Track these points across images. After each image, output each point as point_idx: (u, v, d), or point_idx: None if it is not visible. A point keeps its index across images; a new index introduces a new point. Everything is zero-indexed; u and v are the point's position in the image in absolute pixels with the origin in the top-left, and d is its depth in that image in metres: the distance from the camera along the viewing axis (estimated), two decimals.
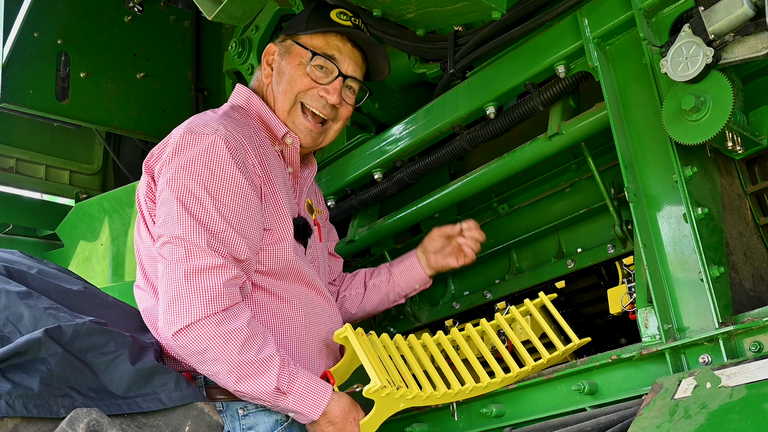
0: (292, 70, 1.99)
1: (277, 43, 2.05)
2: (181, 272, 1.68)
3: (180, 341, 1.67)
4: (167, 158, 1.80)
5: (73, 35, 3.26)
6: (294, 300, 1.89)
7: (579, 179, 2.22)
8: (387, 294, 2.28)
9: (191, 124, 1.84)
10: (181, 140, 1.80)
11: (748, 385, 1.32)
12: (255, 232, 1.80)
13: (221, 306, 1.68)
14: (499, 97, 2.13)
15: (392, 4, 2.00)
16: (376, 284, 2.28)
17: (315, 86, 1.98)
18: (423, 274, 2.26)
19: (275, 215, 1.88)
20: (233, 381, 1.68)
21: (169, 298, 1.68)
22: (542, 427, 1.77)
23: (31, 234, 4.05)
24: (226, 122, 1.85)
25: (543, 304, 2.03)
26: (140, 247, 1.92)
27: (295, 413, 1.75)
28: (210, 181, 1.75)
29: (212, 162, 1.76)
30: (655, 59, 1.70)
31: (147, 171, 1.89)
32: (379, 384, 1.68)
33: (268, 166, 1.90)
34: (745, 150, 1.70)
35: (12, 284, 1.65)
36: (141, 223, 1.91)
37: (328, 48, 1.99)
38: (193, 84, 3.63)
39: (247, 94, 2.04)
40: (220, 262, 1.70)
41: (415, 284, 2.28)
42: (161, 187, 1.79)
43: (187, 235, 1.70)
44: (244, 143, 1.84)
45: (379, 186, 2.50)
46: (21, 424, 1.43)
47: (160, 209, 1.78)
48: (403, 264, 2.27)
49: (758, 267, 1.77)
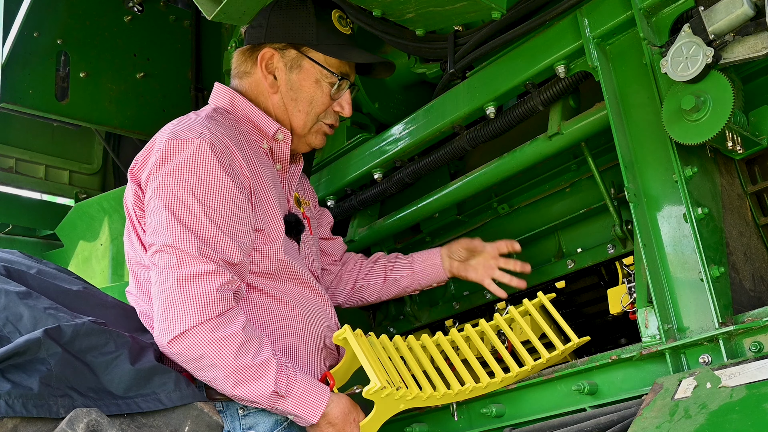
0: (310, 89, 1.98)
1: (277, 50, 1.98)
2: (173, 280, 1.68)
3: (175, 349, 1.67)
4: (153, 166, 1.78)
5: (73, 35, 3.26)
6: (289, 299, 1.89)
7: (579, 179, 2.22)
8: (406, 288, 2.31)
9: (175, 129, 1.82)
10: (166, 147, 1.78)
11: (749, 385, 1.32)
12: (246, 235, 1.79)
13: (215, 312, 1.67)
14: (499, 97, 2.13)
15: (392, 4, 1.99)
16: (396, 279, 2.30)
17: (331, 103, 2.03)
18: (444, 276, 2.27)
19: (267, 215, 1.87)
20: (230, 386, 1.68)
21: (163, 306, 1.68)
22: (542, 427, 1.77)
23: (30, 234, 4.05)
24: (210, 125, 1.83)
25: (542, 304, 2.03)
26: (131, 255, 1.91)
27: (294, 416, 1.74)
28: (197, 186, 1.74)
29: (198, 167, 1.75)
30: (655, 59, 1.70)
31: (132, 179, 1.87)
32: (379, 385, 1.68)
33: (256, 166, 1.89)
34: (745, 150, 1.69)
35: (12, 284, 1.65)
36: (131, 230, 1.90)
37: (343, 66, 2.02)
38: (193, 84, 3.62)
39: (230, 95, 2.01)
40: (212, 268, 1.69)
41: (433, 282, 2.30)
42: (149, 196, 1.78)
43: (177, 243, 1.70)
44: (230, 145, 1.82)
45: (379, 186, 2.50)
46: (21, 424, 1.43)
47: (150, 218, 1.77)
48: (426, 264, 2.28)
49: (758, 267, 1.77)
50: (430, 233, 2.59)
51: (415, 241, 2.64)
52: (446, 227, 2.55)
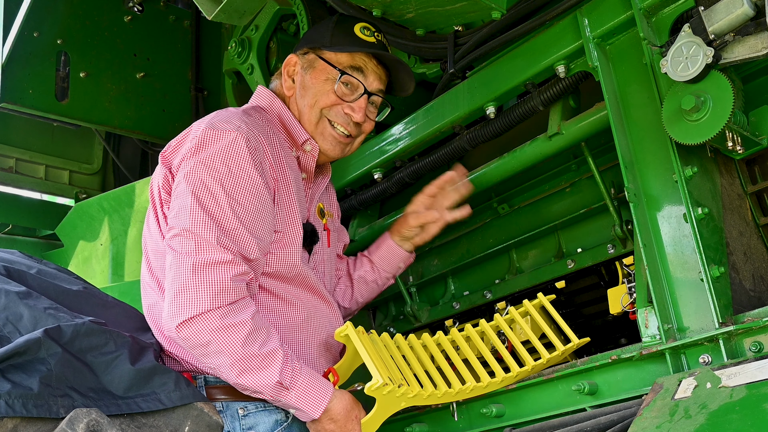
0: (319, 86, 1.99)
1: (299, 55, 2.04)
2: (189, 265, 1.69)
3: (183, 333, 1.67)
4: (188, 152, 1.80)
5: (73, 35, 3.26)
6: (296, 302, 1.90)
7: (579, 179, 2.22)
8: (375, 281, 2.29)
9: (214, 120, 1.85)
10: (203, 135, 1.80)
11: (749, 385, 1.32)
12: (266, 233, 1.80)
13: (227, 300, 1.68)
14: (499, 97, 2.13)
15: (392, 4, 2.00)
16: (361, 275, 2.28)
17: (340, 103, 1.99)
18: (403, 252, 2.27)
19: (287, 219, 1.88)
20: (235, 374, 1.68)
21: (176, 290, 1.69)
22: (542, 427, 1.77)
23: (30, 234, 4.05)
24: (248, 120, 1.86)
25: (542, 305, 2.03)
26: (147, 240, 1.92)
27: (296, 410, 1.74)
28: (227, 178, 1.75)
29: (231, 159, 1.77)
30: (655, 59, 1.70)
31: (164, 162, 1.89)
32: (381, 381, 1.68)
33: (284, 169, 1.90)
34: (745, 150, 1.70)
35: (12, 284, 1.65)
36: (152, 215, 1.92)
37: (354, 63, 1.99)
38: (192, 84, 3.62)
39: (270, 97, 2.04)
40: (228, 257, 1.70)
41: (399, 263, 2.29)
42: (178, 180, 1.80)
43: (197, 229, 1.71)
44: (264, 143, 1.84)
45: (379, 186, 2.50)
46: (21, 424, 1.43)
47: (175, 201, 1.79)
48: (381, 249, 2.27)
49: (758, 267, 1.77)
50: None
51: None
52: (446, 227, 2.55)
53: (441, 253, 2.59)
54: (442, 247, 2.56)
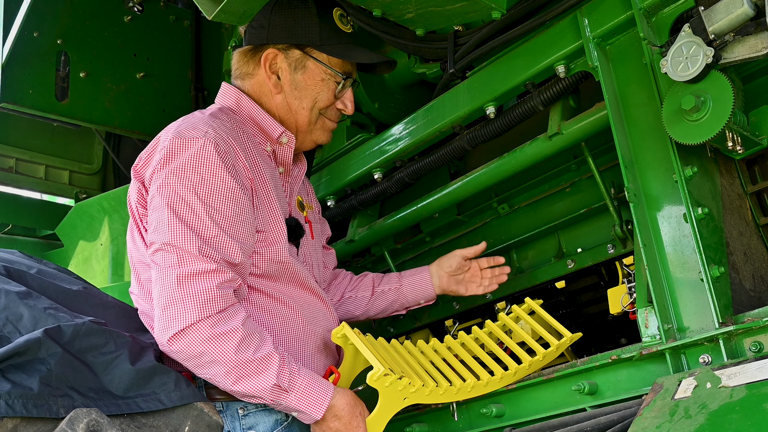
0: (316, 87, 1.99)
1: (280, 50, 1.97)
2: (173, 278, 1.68)
3: (175, 346, 1.66)
4: (158, 164, 1.78)
5: (73, 35, 3.26)
6: (289, 300, 1.89)
7: (579, 179, 2.22)
8: (392, 302, 2.31)
9: (180, 128, 1.82)
10: (170, 145, 1.78)
11: (749, 385, 1.32)
12: (248, 236, 1.79)
13: (215, 309, 1.67)
14: (499, 97, 2.13)
15: (392, 4, 2.00)
16: (384, 291, 2.30)
17: (335, 101, 2.03)
18: (432, 292, 2.28)
19: (268, 217, 1.87)
20: (231, 382, 1.68)
21: (163, 304, 1.68)
22: (542, 427, 1.77)
23: (30, 234, 4.05)
24: (215, 124, 1.83)
25: (531, 309, 2.05)
26: (133, 253, 1.91)
27: (298, 413, 1.74)
28: (200, 185, 1.74)
29: (202, 166, 1.75)
30: (655, 59, 1.70)
31: (136, 176, 1.88)
32: (383, 370, 1.68)
33: (259, 167, 1.89)
34: (745, 150, 1.70)
35: (12, 284, 1.65)
36: (134, 229, 1.90)
37: (346, 65, 2.03)
38: (193, 84, 3.63)
39: (236, 95, 2.01)
40: (212, 267, 1.69)
41: (421, 299, 2.31)
42: (152, 194, 1.78)
43: (177, 241, 1.70)
44: (234, 145, 1.82)
45: (379, 186, 2.50)
46: (21, 424, 1.43)
47: (152, 216, 1.77)
48: (415, 277, 2.29)
49: (758, 267, 1.77)
50: (430, 233, 2.59)
51: (415, 241, 2.64)
52: (446, 227, 2.55)
53: (441, 253, 2.59)
54: (442, 247, 2.56)
